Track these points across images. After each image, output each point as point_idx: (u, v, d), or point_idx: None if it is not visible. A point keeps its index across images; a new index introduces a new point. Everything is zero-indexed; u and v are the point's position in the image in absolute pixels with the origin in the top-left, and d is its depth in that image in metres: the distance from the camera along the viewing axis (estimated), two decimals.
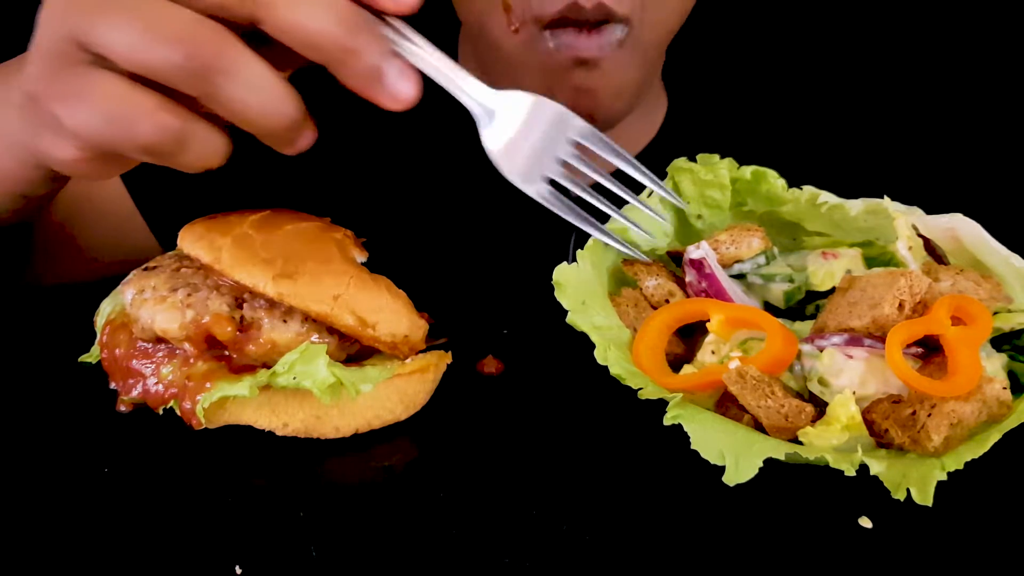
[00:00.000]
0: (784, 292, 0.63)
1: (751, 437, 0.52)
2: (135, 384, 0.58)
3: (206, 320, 0.56)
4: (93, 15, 0.49)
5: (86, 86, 0.50)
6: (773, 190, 0.68)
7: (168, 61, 0.48)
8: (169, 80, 0.49)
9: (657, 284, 0.63)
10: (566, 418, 0.61)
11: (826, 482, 0.52)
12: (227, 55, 0.49)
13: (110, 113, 0.49)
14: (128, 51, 0.48)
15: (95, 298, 0.63)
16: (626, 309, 0.63)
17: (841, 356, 0.56)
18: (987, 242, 0.61)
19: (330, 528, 0.52)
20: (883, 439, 0.54)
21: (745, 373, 0.54)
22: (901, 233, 0.62)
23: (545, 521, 0.52)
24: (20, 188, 0.64)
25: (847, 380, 0.55)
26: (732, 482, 0.50)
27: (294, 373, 0.56)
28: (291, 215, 0.62)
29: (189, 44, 0.48)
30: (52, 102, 0.51)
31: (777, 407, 0.53)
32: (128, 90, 0.49)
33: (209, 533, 0.51)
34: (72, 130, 0.51)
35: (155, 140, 0.50)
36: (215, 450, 0.57)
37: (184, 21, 0.48)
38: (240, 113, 0.50)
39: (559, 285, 0.60)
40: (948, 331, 0.55)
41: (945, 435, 0.51)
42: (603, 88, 0.81)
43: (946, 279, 0.59)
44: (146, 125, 0.49)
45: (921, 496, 0.48)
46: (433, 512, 0.53)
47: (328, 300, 0.56)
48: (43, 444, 0.58)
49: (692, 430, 0.52)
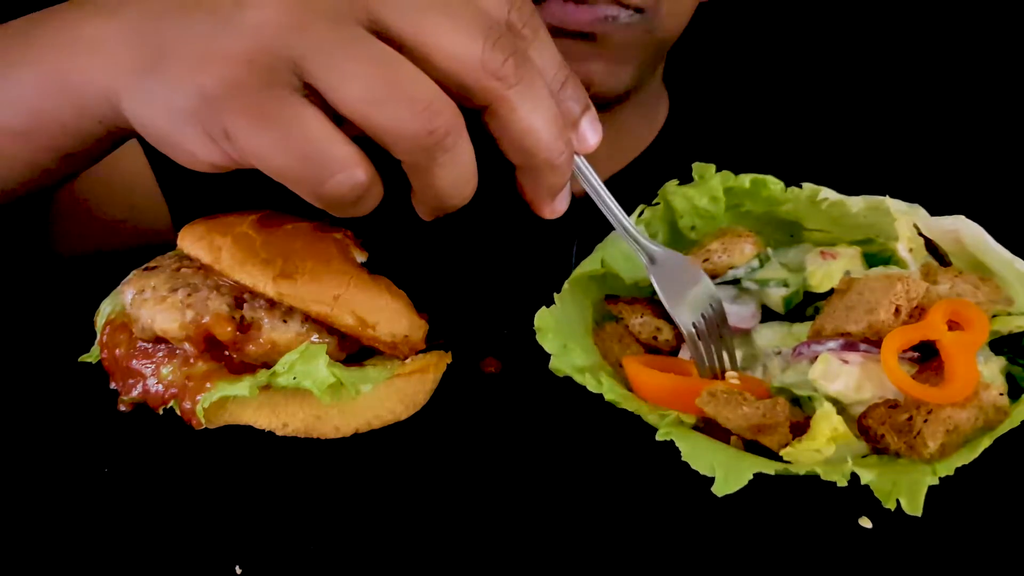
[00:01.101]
0: (783, 298, 0.63)
1: (741, 455, 0.53)
2: (135, 384, 0.58)
3: (206, 320, 0.56)
4: (333, 52, 0.45)
5: (286, 117, 0.45)
6: (772, 195, 0.68)
7: (400, 124, 0.45)
8: (388, 143, 0.46)
9: (643, 322, 0.64)
10: (565, 419, 0.61)
11: (818, 491, 0.52)
12: (455, 134, 0.47)
13: (303, 153, 0.45)
14: (359, 100, 0.45)
15: (95, 298, 0.63)
16: (611, 345, 0.63)
17: (836, 361, 0.56)
18: (989, 245, 0.61)
19: (330, 528, 0.52)
20: (879, 444, 0.54)
21: (715, 391, 0.55)
22: (902, 234, 0.62)
23: (544, 521, 0.52)
24: (69, 144, 0.58)
25: (842, 385, 0.55)
26: (721, 492, 0.50)
27: (294, 373, 0.56)
28: (291, 215, 0.62)
29: (429, 114, 0.45)
30: (237, 116, 0.46)
31: (753, 410, 0.53)
32: (331, 136, 0.46)
33: (209, 533, 0.51)
34: (243, 148, 0.46)
35: (338, 195, 0.47)
36: (215, 450, 0.57)
37: (429, 90, 0.45)
38: (435, 189, 0.49)
39: (540, 331, 0.60)
40: (944, 336, 0.55)
41: (941, 442, 0.51)
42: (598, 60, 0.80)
43: (944, 282, 0.58)
44: (337, 179, 0.46)
45: (911, 506, 0.48)
46: (433, 512, 0.53)
47: (328, 300, 0.56)
48: (43, 444, 0.58)
49: (683, 445, 0.52)
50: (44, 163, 0.59)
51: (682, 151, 0.72)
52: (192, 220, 0.61)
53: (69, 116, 0.55)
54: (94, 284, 0.64)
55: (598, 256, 0.66)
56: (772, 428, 0.53)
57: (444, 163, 0.47)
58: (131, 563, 0.49)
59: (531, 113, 0.48)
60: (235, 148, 0.47)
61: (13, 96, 0.57)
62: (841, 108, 1.00)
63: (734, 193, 0.69)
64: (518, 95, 0.48)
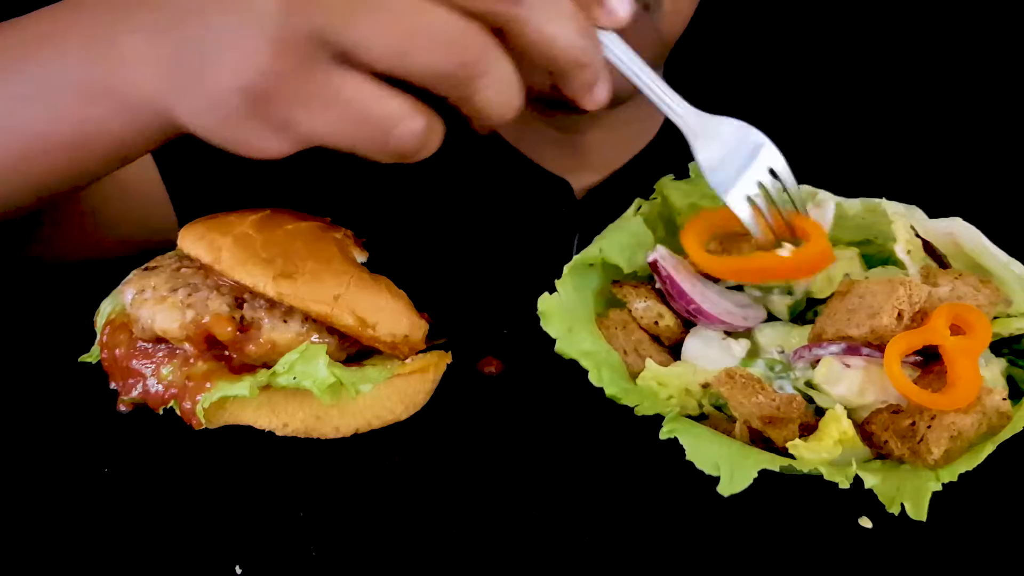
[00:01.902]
0: (787, 306, 0.63)
1: (746, 450, 0.52)
2: (135, 384, 0.58)
3: (206, 320, 0.56)
4: (347, 15, 0.45)
5: (332, 89, 0.46)
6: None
7: (433, 66, 0.46)
8: (427, 83, 0.47)
9: (646, 307, 0.63)
10: (566, 419, 0.61)
11: (821, 493, 0.52)
12: (487, 58, 0.47)
13: (360, 119, 0.46)
14: (388, 55, 0.45)
15: (95, 298, 0.63)
16: (614, 331, 0.63)
17: (839, 365, 0.56)
18: (986, 247, 0.61)
19: (330, 528, 0.52)
20: (882, 450, 0.54)
21: (734, 373, 0.55)
22: (900, 236, 0.61)
23: (544, 522, 0.52)
24: (122, 150, 0.57)
25: (845, 389, 0.55)
26: (727, 492, 0.50)
27: (294, 373, 0.56)
28: (291, 215, 0.62)
29: (456, 49, 0.46)
30: (291, 105, 0.47)
31: (768, 401, 0.53)
32: (378, 93, 0.46)
33: (209, 533, 0.51)
34: (308, 133, 0.47)
35: (404, 146, 0.47)
36: (215, 450, 0.57)
37: (449, 24, 0.46)
38: (484, 112, 0.49)
39: (544, 315, 0.60)
40: (947, 341, 0.54)
41: (945, 448, 0.51)
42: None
43: (945, 284, 0.58)
44: (398, 132, 0.47)
45: (915, 510, 0.48)
46: (433, 512, 0.53)
47: (328, 300, 0.56)
48: (43, 444, 0.58)
49: (687, 442, 0.52)
50: (94, 170, 0.59)
51: (683, 152, 0.72)
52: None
53: (118, 124, 0.55)
54: (94, 284, 0.64)
55: (597, 246, 0.66)
56: (783, 422, 0.53)
57: (486, 86, 0.47)
58: (131, 563, 0.49)
59: (546, 23, 0.48)
60: (297, 133, 0.48)
61: (59, 105, 0.56)
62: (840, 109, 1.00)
63: None
64: (527, 9, 0.48)
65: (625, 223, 0.67)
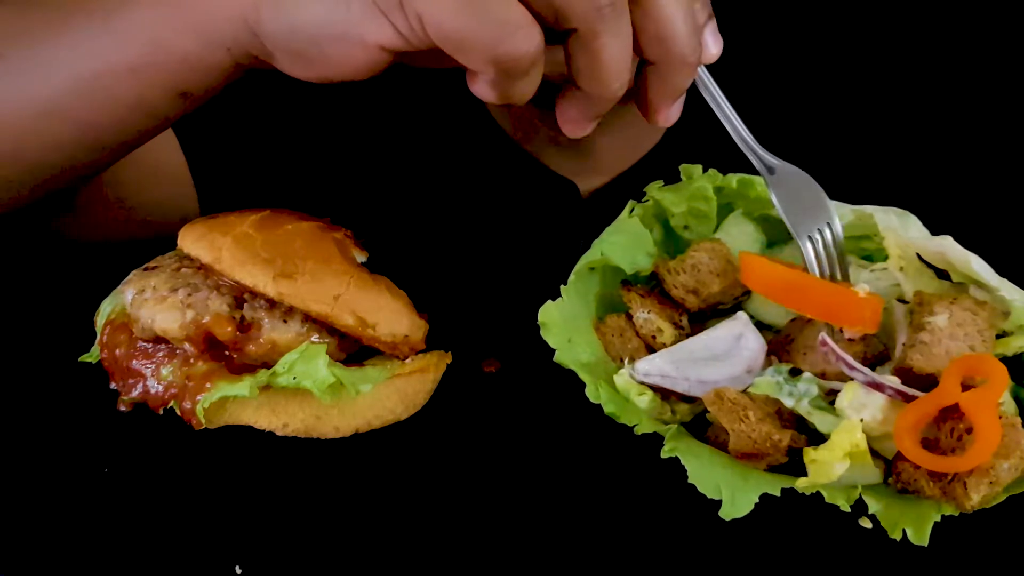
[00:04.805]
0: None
1: (747, 472, 0.52)
2: (135, 384, 0.58)
3: (206, 320, 0.56)
4: None
5: None
6: (762, 196, 0.67)
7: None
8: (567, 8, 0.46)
9: (647, 318, 0.63)
10: (566, 420, 0.61)
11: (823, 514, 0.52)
12: (622, 9, 0.47)
13: (481, 10, 0.45)
14: None
15: (95, 298, 0.63)
16: (611, 339, 0.63)
17: (864, 391, 0.54)
18: (974, 268, 0.58)
19: (330, 528, 0.52)
20: (910, 488, 0.52)
21: (723, 394, 0.54)
22: (891, 252, 0.60)
23: (544, 522, 0.52)
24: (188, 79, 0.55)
25: (870, 416, 0.53)
26: (729, 516, 0.49)
27: (294, 373, 0.56)
28: (291, 215, 0.62)
29: None
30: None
31: (748, 431, 0.53)
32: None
33: (209, 533, 0.51)
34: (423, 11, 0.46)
35: (516, 55, 0.46)
36: (215, 450, 0.57)
37: None
38: (604, 66, 0.48)
39: (544, 326, 0.60)
40: (962, 399, 0.51)
41: (984, 494, 0.50)
42: None
43: (941, 312, 0.56)
44: (515, 38, 0.45)
45: (917, 536, 0.48)
46: (433, 512, 0.53)
47: (328, 300, 0.56)
48: (43, 444, 0.58)
49: (689, 463, 0.52)
50: (151, 104, 0.57)
51: (683, 153, 0.72)
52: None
53: (193, 46, 0.53)
54: (94, 283, 0.65)
55: (597, 249, 0.66)
56: (755, 458, 0.53)
57: (614, 33, 0.47)
58: (131, 563, 0.49)
59: (676, 9, 0.49)
60: (413, 9, 0.46)
61: (125, 28, 0.54)
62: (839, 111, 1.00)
63: (725, 193, 0.69)
64: None
65: (623, 225, 0.67)
